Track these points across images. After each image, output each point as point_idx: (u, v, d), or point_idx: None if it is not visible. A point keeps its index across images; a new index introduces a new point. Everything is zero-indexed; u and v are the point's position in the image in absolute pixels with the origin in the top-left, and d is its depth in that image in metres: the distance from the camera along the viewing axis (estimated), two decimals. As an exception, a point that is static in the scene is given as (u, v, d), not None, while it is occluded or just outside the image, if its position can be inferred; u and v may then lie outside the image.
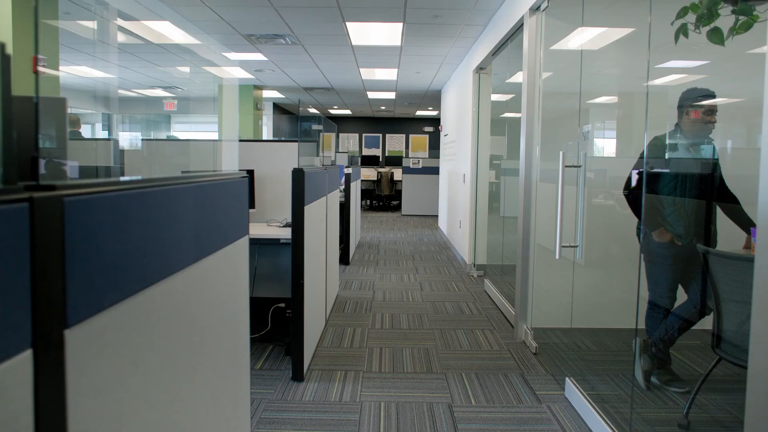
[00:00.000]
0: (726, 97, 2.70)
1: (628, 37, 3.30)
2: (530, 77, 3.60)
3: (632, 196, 2.88)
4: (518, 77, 4.31)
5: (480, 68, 5.79)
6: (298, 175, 2.85)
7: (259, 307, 4.04)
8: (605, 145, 3.12)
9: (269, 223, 3.75)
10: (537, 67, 3.58)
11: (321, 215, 3.56)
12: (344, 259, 6.39)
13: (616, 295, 3.30)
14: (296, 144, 4.58)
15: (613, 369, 3.24)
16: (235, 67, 7.94)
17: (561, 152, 2.80)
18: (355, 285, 5.34)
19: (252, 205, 3.83)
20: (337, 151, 14.40)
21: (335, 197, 4.54)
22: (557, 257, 2.83)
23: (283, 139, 8.90)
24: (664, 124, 2.70)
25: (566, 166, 2.81)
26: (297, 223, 2.86)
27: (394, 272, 5.97)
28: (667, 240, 2.78)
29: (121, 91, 11.05)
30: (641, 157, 2.82)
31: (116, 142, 4.10)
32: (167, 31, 5.89)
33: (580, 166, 2.83)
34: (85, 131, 14.25)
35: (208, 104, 11.91)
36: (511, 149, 4.62)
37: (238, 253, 1.64)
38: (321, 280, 3.68)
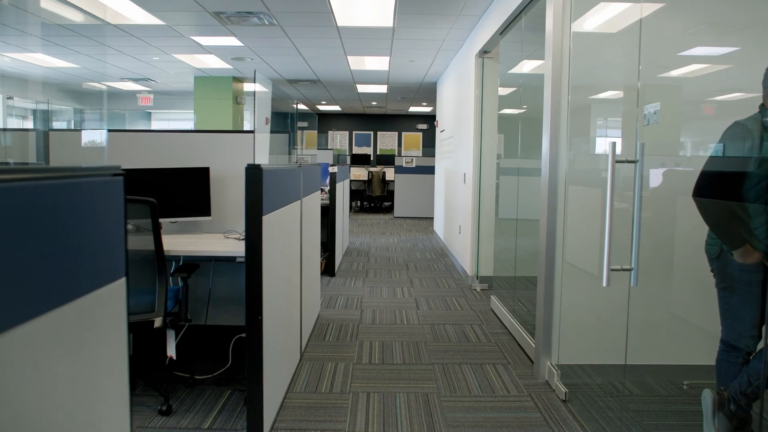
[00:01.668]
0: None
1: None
2: (555, 56, 2.86)
3: (704, 200, 2.15)
4: (537, 58, 3.58)
5: (484, 52, 5.05)
6: (253, 174, 2.09)
7: (216, 338, 3.27)
8: (669, 134, 2.38)
9: (227, 235, 2.98)
10: (564, 42, 2.84)
11: (292, 225, 2.80)
12: (329, 269, 5.63)
13: (675, 327, 2.57)
14: (265, 136, 3.83)
15: (674, 425, 2.51)
16: (209, 54, 7.15)
17: (611, 142, 2.06)
18: (340, 302, 4.58)
19: (206, 212, 3.06)
20: (320, 148, 13.61)
21: (314, 201, 3.79)
22: (605, 283, 2.09)
23: (243, 130, 8.10)
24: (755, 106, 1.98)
25: (617, 162, 2.07)
26: (252, 240, 2.10)
27: (385, 285, 5.22)
28: (754, 261, 2.05)
29: (91, 84, 10.21)
30: (721, 148, 2.09)
31: (45, 133, 3.32)
32: (126, 11, 5.11)
33: (636, 161, 2.10)
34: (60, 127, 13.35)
35: (188, 99, 11.10)
36: (525, 145, 3.88)
37: (99, 314, 0.89)
38: (293, 305, 2.92)
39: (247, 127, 9.89)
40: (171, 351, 2.62)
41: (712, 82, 2.16)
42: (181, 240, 2.85)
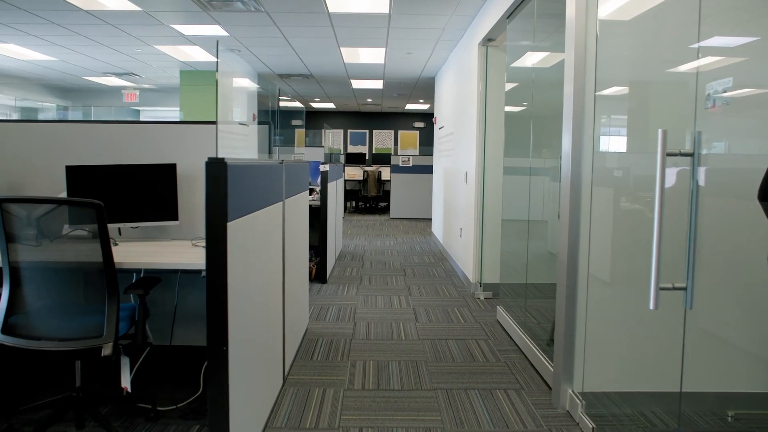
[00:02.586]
0: None
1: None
2: (578, 42, 2.46)
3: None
4: (553, 46, 3.18)
5: (488, 40, 4.65)
6: (216, 171, 1.67)
7: (183, 361, 2.85)
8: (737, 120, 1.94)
9: (195, 243, 2.56)
10: (589, 26, 2.43)
11: (271, 231, 2.39)
12: (320, 276, 5.21)
13: (720, 350, 2.17)
14: (252, 133, 3.49)
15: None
16: (193, 46, 6.72)
17: (660, 131, 1.65)
18: (331, 313, 4.16)
19: (173, 215, 2.64)
20: (309, 145, 13.11)
21: (301, 202, 3.37)
22: (652, 306, 1.68)
23: (210, 121, 7.68)
24: None
25: (669, 155, 1.66)
26: (214, 253, 1.68)
27: (381, 293, 4.81)
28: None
29: (72, 79, 9.74)
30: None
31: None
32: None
33: (691, 154, 1.70)
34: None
35: (175, 95, 10.62)
36: (538, 142, 3.48)
37: None
38: (274, 323, 2.50)
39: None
40: (125, 382, 2.20)
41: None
42: (141, 249, 2.43)
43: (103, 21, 5.55)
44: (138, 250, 2.40)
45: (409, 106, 13.08)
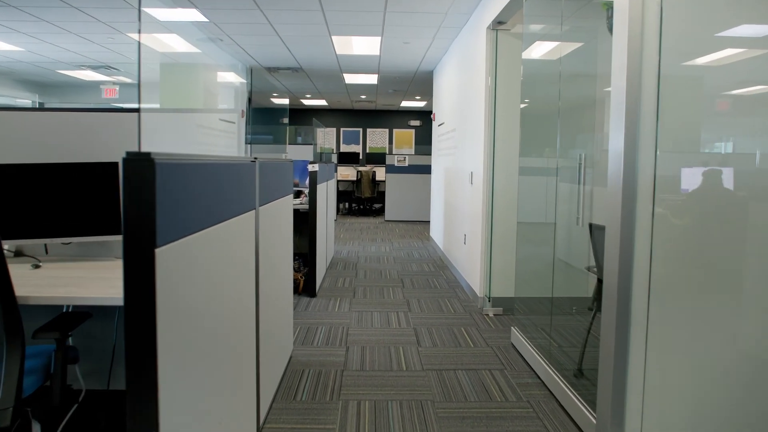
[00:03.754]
0: None
1: None
2: (633, 12, 1.92)
3: None
4: (589, 22, 2.66)
5: (498, 23, 4.11)
6: (136, 172, 1.12)
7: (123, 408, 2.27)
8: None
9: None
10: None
11: (237, 249, 1.83)
12: (309, 288, 4.66)
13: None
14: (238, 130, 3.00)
15: None
16: (170, 34, 6.14)
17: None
18: (320, 335, 3.61)
19: (114, 227, 2.08)
20: (295, 143, 12.52)
21: (283, 208, 2.82)
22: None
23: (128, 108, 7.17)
24: None
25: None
26: (133, 296, 1.13)
27: (377, 309, 4.26)
28: None
29: (45, 72, 9.12)
30: None
31: None
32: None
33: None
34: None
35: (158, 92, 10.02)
36: (567, 138, 2.95)
37: None
38: (243, 363, 1.95)
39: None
40: (37, 455, 1.65)
41: None
42: (66, 274, 1.86)
43: (67, 3, 4.96)
44: (62, 275, 1.84)
45: (405, 104, 12.54)
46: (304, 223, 4.74)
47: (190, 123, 5.50)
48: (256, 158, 2.13)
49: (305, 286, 4.69)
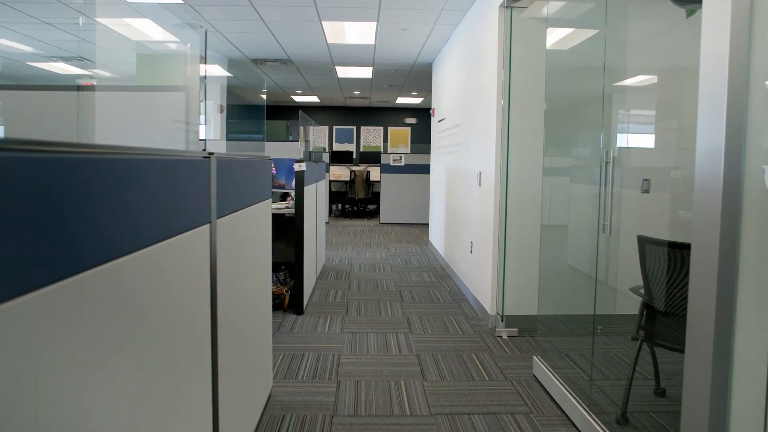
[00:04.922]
0: None
1: None
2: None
3: None
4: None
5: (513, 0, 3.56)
6: None
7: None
8: None
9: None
10: None
11: (175, 282, 1.27)
12: (295, 304, 4.09)
13: None
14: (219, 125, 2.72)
15: None
16: (143, 19, 5.55)
17: None
18: (306, 365, 3.04)
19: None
20: (284, 140, 11.85)
21: (258, 216, 2.25)
22: None
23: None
24: None
25: None
26: None
27: (373, 329, 3.70)
28: None
29: (14, 64, 8.48)
30: None
31: None
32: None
33: None
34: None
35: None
36: (589, 130, 2.40)
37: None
38: (193, 419, 1.38)
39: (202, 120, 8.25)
40: None
41: None
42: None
43: (19, -20, 4.36)
44: None
45: (401, 100, 11.98)
46: (290, 229, 4.18)
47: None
48: (211, 153, 1.56)
49: (291, 301, 4.12)
